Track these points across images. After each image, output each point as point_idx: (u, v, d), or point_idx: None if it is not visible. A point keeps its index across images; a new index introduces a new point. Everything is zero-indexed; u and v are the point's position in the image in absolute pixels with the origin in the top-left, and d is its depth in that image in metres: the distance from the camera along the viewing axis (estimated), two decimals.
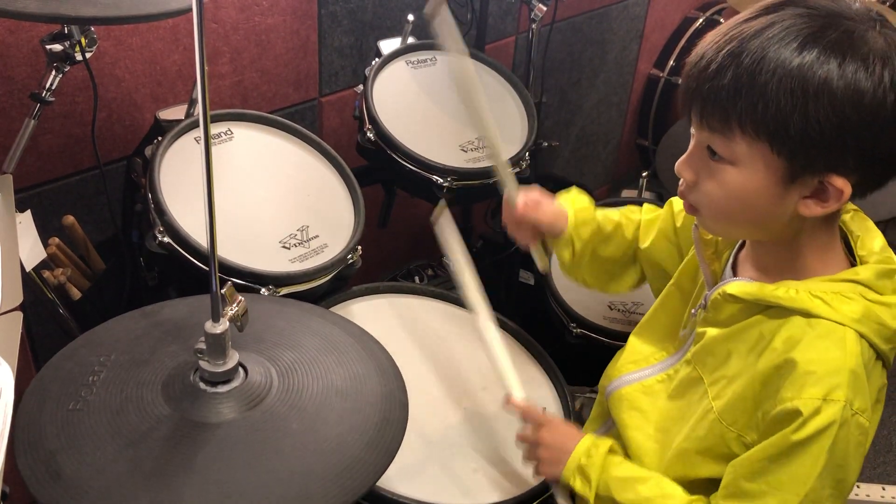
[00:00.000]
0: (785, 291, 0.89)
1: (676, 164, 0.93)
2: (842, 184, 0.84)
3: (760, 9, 0.86)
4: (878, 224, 1.08)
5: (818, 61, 0.80)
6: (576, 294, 1.61)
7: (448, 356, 1.29)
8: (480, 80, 1.72)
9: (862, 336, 0.87)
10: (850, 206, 0.97)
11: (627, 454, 1.05)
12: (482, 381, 1.27)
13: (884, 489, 1.98)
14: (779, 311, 0.90)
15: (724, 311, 0.96)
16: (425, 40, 1.71)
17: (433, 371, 1.27)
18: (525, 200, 1.15)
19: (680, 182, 0.94)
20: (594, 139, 2.80)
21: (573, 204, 1.18)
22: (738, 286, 0.93)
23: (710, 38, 0.87)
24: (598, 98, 2.70)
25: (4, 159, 1.22)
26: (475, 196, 1.71)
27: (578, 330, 1.55)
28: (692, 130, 0.91)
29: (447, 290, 1.44)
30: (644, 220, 1.21)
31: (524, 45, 2.22)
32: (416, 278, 1.88)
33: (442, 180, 1.49)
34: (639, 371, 1.09)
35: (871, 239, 0.94)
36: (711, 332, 0.97)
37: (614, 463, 1.01)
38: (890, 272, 0.90)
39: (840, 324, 0.87)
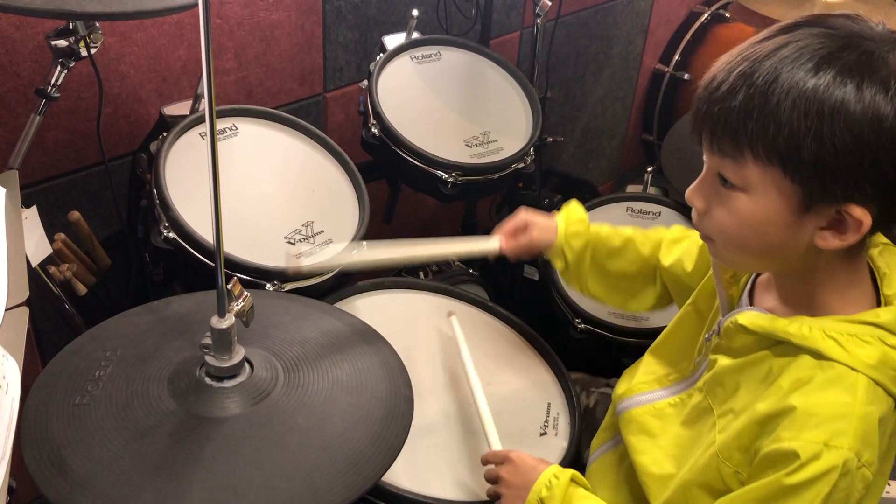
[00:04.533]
0: (798, 328, 0.84)
1: (687, 192, 0.90)
2: (861, 214, 0.79)
3: (776, 29, 0.82)
4: None
5: (834, 83, 0.76)
6: None
7: (453, 352, 1.29)
8: (485, 75, 1.73)
9: (877, 384, 0.82)
10: (882, 239, 0.91)
11: (638, 478, 1.01)
12: (487, 377, 1.27)
13: (889, 484, 1.97)
14: (790, 348, 0.85)
15: (736, 341, 0.91)
16: (430, 35, 1.71)
17: (438, 367, 1.27)
18: (505, 235, 1.20)
19: (693, 211, 0.91)
20: (599, 134, 2.80)
21: (566, 216, 1.21)
22: (750, 317, 0.88)
23: (724, 59, 0.83)
24: (602, 93, 2.69)
25: (10, 155, 1.22)
26: (480, 191, 1.71)
27: (583, 325, 1.55)
28: (703, 157, 0.88)
29: (452, 286, 1.44)
30: (667, 238, 1.19)
31: (529, 40, 2.21)
32: (421, 274, 1.88)
33: (446, 176, 1.49)
34: (651, 392, 1.05)
35: None
36: (723, 360, 0.92)
37: (577, 496, 0.96)
38: None
39: (853, 369, 0.81)
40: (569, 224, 1.20)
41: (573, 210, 1.22)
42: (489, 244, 1.20)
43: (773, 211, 0.82)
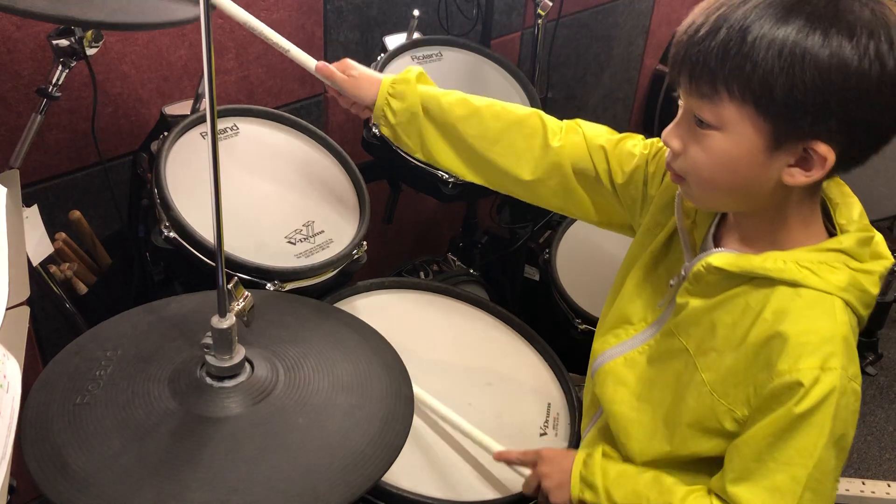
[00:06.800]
0: (773, 263, 0.90)
1: (663, 132, 0.94)
2: (825, 150, 0.84)
3: None
4: (885, 220, 1.06)
5: (803, 31, 0.80)
6: (580, 290, 1.61)
7: (453, 351, 1.30)
8: (486, 75, 1.73)
9: (847, 304, 0.89)
10: None
11: (614, 431, 1.05)
12: (487, 376, 1.27)
13: (889, 486, 1.97)
14: (764, 282, 0.91)
15: (706, 282, 0.96)
16: (431, 36, 1.71)
17: (438, 366, 1.27)
18: (333, 65, 1.14)
19: (667, 152, 0.95)
20: None
21: (394, 76, 1.15)
22: (724, 258, 0.93)
23: (702, 6, 0.88)
24: (603, 93, 2.70)
25: (11, 154, 1.22)
26: (480, 191, 1.70)
27: (583, 326, 1.55)
28: (679, 101, 0.92)
29: (452, 286, 1.44)
30: (624, 152, 1.12)
31: (530, 40, 2.21)
32: (421, 274, 1.88)
33: (447, 176, 1.49)
34: (620, 345, 1.09)
35: (849, 207, 0.95)
36: (694, 302, 0.97)
37: (611, 466, 1.02)
38: (868, 239, 0.92)
39: (827, 293, 0.89)
40: (396, 83, 1.14)
41: (408, 71, 1.17)
42: (309, 59, 1.15)
43: (745, 148, 0.87)
